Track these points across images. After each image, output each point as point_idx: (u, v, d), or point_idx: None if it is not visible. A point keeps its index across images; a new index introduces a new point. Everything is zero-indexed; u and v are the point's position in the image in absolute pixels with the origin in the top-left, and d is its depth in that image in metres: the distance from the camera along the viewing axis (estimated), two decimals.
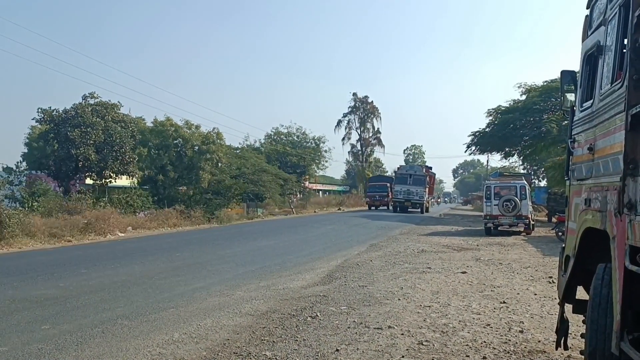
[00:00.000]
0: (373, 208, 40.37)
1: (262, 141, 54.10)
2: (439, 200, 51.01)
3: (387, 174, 59.02)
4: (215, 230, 20.19)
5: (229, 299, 6.96)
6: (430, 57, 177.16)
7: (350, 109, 71.51)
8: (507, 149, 34.24)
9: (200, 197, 27.93)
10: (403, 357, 4.58)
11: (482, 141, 33.55)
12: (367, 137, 72.66)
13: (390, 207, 38.07)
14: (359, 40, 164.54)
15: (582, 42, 4.37)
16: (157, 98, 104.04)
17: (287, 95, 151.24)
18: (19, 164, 22.79)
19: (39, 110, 23.18)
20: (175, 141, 29.01)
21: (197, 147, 29.12)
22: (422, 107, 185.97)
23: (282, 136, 55.88)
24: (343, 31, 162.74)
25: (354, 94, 71.52)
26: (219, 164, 30.75)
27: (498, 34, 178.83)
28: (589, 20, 4.24)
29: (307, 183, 51.22)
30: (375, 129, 72.60)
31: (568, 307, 4.24)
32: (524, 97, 31.82)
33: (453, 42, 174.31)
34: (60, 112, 23.37)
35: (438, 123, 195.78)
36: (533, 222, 19.86)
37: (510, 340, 5.23)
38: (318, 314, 6.05)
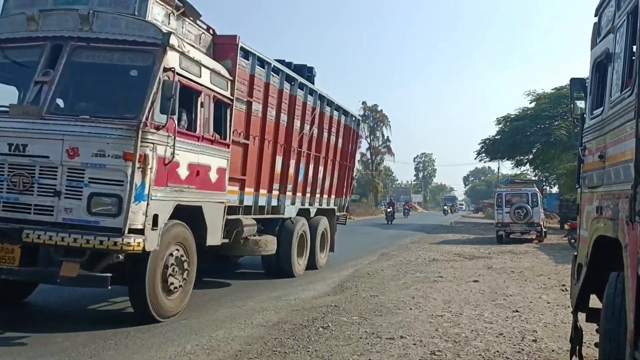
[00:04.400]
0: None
1: None
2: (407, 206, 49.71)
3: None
4: None
5: (240, 310, 6.97)
6: (440, 64, 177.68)
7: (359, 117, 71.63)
8: (517, 157, 34.14)
9: None
10: None
11: (492, 149, 33.55)
12: (376, 145, 72.63)
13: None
14: (367, 48, 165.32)
15: (591, 49, 4.37)
16: None
17: None
18: None
19: None
20: None
21: None
22: (431, 115, 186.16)
23: None
24: (351, 39, 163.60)
25: (364, 103, 71.43)
26: None
27: (508, 42, 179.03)
28: (597, 27, 4.24)
29: None
30: (385, 137, 72.55)
31: (581, 316, 4.21)
32: (533, 104, 31.75)
33: (463, 50, 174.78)
34: None
35: (448, 130, 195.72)
36: (545, 230, 19.78)
37: (523, 349, 5.20)
38: (330, 324, 6.05)
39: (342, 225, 13.06)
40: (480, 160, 36.58)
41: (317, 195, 10.99)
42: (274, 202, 9.00)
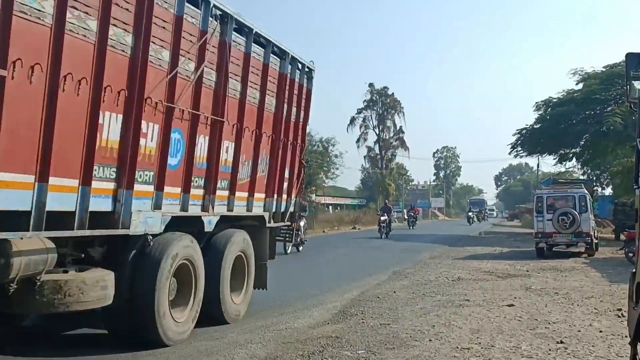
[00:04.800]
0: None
1: None
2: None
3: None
4: None
5: (220, 342, 6.96)
6: (466, 42, 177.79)
7: (366, 104, 71.73)
8: (561, 151, 34.13)
9: None
10: None
11: (530, 141, 33.54)
12: (387, 137, 72.75)
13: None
14: (377, 23, 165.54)
15: None
16: None
17: None
18: None
19: None
20: None
21: None
22: (455, 102, 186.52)
23: None
24: (357, 12, 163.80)
25: (371, 85, 71.50)
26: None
27: (549, 11, 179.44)
28: None
29: (313, 197, 51.25)
30: (397, 128, 72.76)
31: None
32: (580, 86, 31.75)
33: (492, 23, 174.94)
34: None
35: (475, 120, 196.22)
36: (596, 241, 19.81)
37: None
38: None
39: (345, 236, 12.91)
40: (515, 156, 36.59)
41: (225, 193, 8.06)
42: (103, 204, 5.90)
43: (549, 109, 32.24)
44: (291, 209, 10.30)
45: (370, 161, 73.22)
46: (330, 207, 66.56)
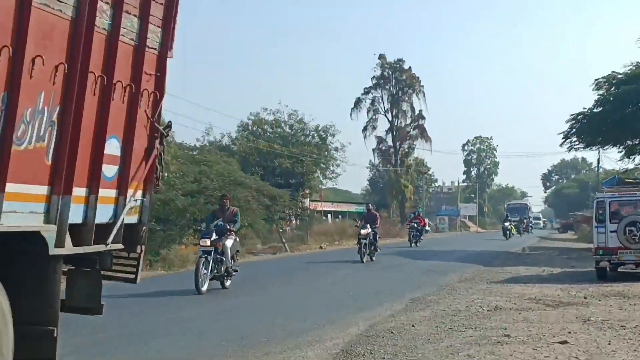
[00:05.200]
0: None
1: (235, 135, 54.11)
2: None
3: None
4: (161, 280, 20.19)
5: None
6: (502, 2, 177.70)
7: (375, 82, 71.72)
8: (629, 142, 34.06)
9: None
10: None
11: (589, 129, 33.46)
12: (402, 125, 72.73)
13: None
14: None
15: None
16: None
17: (274, 64, 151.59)
18: None
19: None
20: None
21: None
22: (490, 80, 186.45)
23: (266, 126, 55.79)
24: None
25: (381, 57, 71.35)
26: (165, 175, 30.81)
27: None
28: None
29: (307, 202, 51.32)
30: (416, 113, 72.70)
31: None
32: None
33: None
34: None
35: (517, 104, 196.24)
36: None
37: None
38: None
39: (349, 252, 12.71)
40: (569, 149, 36.53)
41: None
42: None
43: (613, 88, 32.19)
44: (130, 216, 6.70)
45: (381, 156, 73.21)
46: (330, 215, 66.60)
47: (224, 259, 15.89)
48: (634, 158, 37.22)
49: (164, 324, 11.62)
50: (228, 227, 16.15)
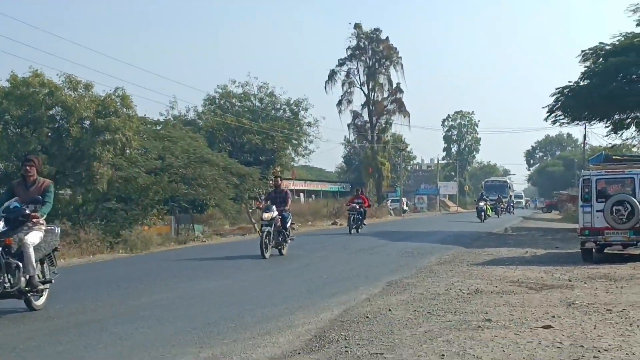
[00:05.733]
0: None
1: (201, 109, 53.84)
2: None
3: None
4: (122, 264, 20.07)
5: None
6: None
7: (350, 52, 71.52)
8: (616, 116, 34.22)
9: (95, 207, 27.77)
10: None
11: (575, 103, 33.53)
12: (379, 99, 72.71)
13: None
14: None
15: None
16: (14, 38, 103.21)
17: (242, 32, 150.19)
18: None
19: None
20: (51, 112, 28.80)
21: (88, 122, 28.95)
22: (471, 54, 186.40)
23: (234, 100, 55.54)
24: None
25: (357, 27, 71.16)
26: (127, 150, 30.63)
27: None
28: None
29: (279, 180, 51.22)
30: (394, 86, 72.65)
31: None
32: None
33: None
34: None
35: (500, 77, 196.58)
36: None
37: None
38: None
39: (323, 235, 12.80)
40: (553, 123, 36.57)
41: None
42: None
43: (600, 60, 32.24)
44: None
45: (357, 132, 73.21)
46: (302, 195, 66.67)
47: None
48: (622, 133, 37.42)
49: (126, 310, 11.57)
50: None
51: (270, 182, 19.55)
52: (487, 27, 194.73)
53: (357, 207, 34.02)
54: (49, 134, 28.57)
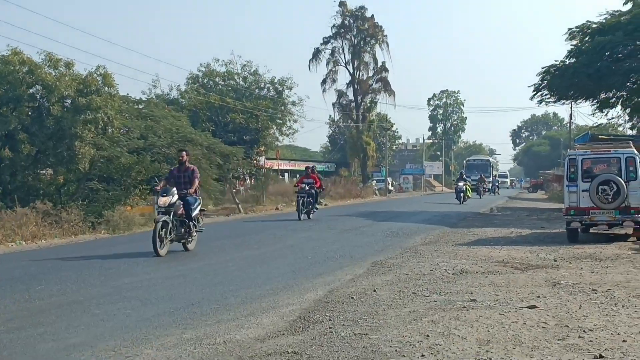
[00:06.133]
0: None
1: (184, 88, 53.59)
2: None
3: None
4: (104, 244, 20.07)
5: None
6: None
7: (335, 31, 71.35)
8: (602, 95, 34.26)
9: (77, 187, 27.63)
10: None
11: (561, 81, 33.51)
12: (364, 77, 72.64)
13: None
14: None
15: None
16: None
17: (225, 10, 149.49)
18: None
19: None
20: (31, 90, 28.60)
21: (69, 101, 28.76)
22: (458, 32, 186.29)
23: (217, 79, 55.30)
24: None
25: (342, 5, 70.99)
26: (109, 129, 30.47)
27: None
28: None
29: (262, 160, 51.20)
30: (380, 65, 72.60)
31: None
32: (629, 5, 31.77)
33: None
34: None
35: (487, 56, 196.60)
36: None
37: None
38: None
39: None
40: (539, 102, 36.54)
41: None
42: None
43: (587, 38, 32.23)
44: None
45: (342, 111, 73.15)
46: (287, 174, 66.69)
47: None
48: (607, 112, 37.52)
49: (108, 290, 11.54)
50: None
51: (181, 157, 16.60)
52: (473, 5, 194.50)
53: (307, 188, 28.68)
54: (30, 113, 28.39)
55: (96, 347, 7.54)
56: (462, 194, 45.13)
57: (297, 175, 67.77)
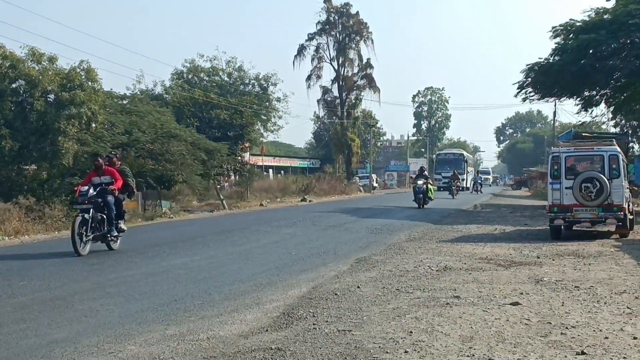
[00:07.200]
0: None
1: (168, 84, 53.45)
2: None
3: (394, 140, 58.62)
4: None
5: (114, 359, 6.90)
6: None
7: (320, 27, 71.36)
8: (586, 93, 34.38)
9: (60, 183, 27.49)
10: None
11: (545, 79, 33.66)
12: (349, 74, 72.67)
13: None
14: None
15: None
16: None
17: (210, 5, 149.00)
18: None
19: None
20: (14, 85, 28.42)
21: (53, 96, 28.61)
22: (443, 29, 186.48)
23: (202, 74, 55.23)
24: None
25: (327, 1, 71.04)
26: (93, 125, 30.32)
27: None
28: None
29: (247, 156, 51.12)
30: (364, 62, 72.69)
31: None
32: (612, 2, 31.83)
33: None
34: None
35: (472, 53, 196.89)
36: (631, 217, 20.08)
37: None
38: None
39: (292, 211, 12.80)
40: (523, 100, 36.73)
41: None
42: None
43: (571, 36, 32.31)
44: None
45: (326, 107, 73.18)
46: (271, 170, 66.62)
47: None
48: (591, 111, 37.68)
49: (90, 286, 11.53)
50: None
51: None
52: (458, 3, 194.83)
53: (94, 193, 17.30)
54: (12, 108, 28.17)
55: (79, 343, 7.54)
56: (421, 196, 35.71)
57: (282, 172, 67.55)
